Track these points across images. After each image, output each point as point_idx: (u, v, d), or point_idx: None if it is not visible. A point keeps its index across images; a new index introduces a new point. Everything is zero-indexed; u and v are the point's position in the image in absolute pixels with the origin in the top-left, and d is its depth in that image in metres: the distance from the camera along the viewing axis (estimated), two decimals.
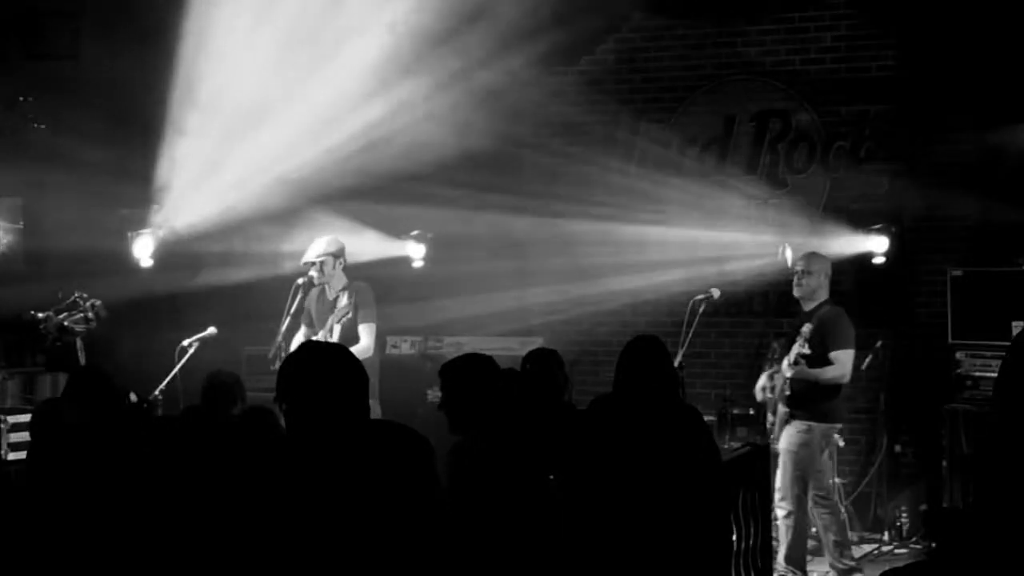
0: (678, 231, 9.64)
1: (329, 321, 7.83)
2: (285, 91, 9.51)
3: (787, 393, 7.53)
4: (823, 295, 7.72)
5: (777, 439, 7.57)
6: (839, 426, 7.87)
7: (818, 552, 8.32)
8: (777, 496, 7.42)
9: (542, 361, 6.16)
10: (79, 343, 8.03)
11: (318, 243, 8.06)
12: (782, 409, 7.55)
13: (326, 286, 8.02)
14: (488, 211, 9.83)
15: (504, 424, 4.69)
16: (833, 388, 7.58)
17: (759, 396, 7.86)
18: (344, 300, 7.86)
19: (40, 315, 8.06)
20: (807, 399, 7.53)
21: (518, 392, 5.17)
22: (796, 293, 7.75)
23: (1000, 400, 3.16)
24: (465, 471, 4.49)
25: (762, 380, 7.83)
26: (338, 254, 8.03)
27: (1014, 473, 3.09)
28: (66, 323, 7.96)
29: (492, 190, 9.83)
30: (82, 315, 7.99)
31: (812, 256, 7.84)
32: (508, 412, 4.78)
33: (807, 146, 9.62)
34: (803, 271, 7.73)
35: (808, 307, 7.71)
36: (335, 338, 7.76)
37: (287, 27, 9.43)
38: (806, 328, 7.49)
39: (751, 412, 8.55)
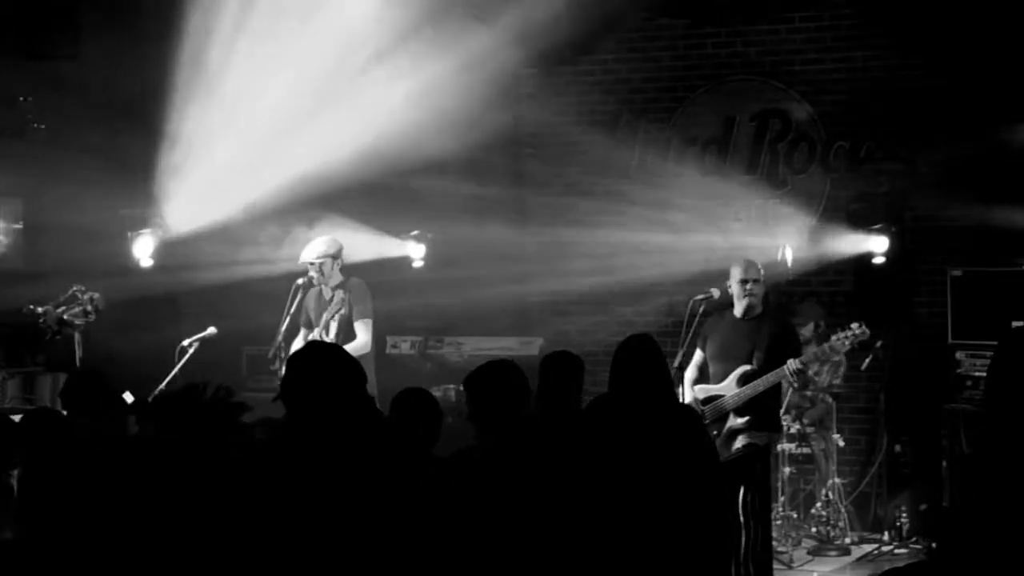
0: (678, 231, 9.64)
1: (324, 318, 7.84)
2: (285, 91, 9.51)
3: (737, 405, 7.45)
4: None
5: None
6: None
7: (818, 552, 8.34)
8: None
9: (557, 366, 5.93)
10: (77, 337, 8.03)
11: (317, 243, 8.07)
12: (739, 420, 7.46)
13: (323, 287, 8.03)
14: (488, 211, 9.83)
15: (523, 430, 4.68)
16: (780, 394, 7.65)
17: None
18: (338, 297, 7.88)
19: (39, 309, 8.06)
20: (770, 409, 7.54)
21: (533, 397, 5.13)
22: (749, 303, 7.58)
23: (990, 399, 3.16)
24: (471, 478, 4.49)
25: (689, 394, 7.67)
26: (336, 255, 8.04)
27: (1009, 471, 3.09)
28: (65, 316, 7.97)
29: (492, 190, 9.82)
30: (80, 308, 7.99)
31: (752, 264, 7.74)
32: (528, 417, 4.76)
33: (807, 146, 9.62)
34: (754, 280, 7.62)
35: (751, 315, 7.62)
36: (331, 335, 7.78)
37: (287, 27, 9.43)
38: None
39: None
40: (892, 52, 9.29)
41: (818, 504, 8.56)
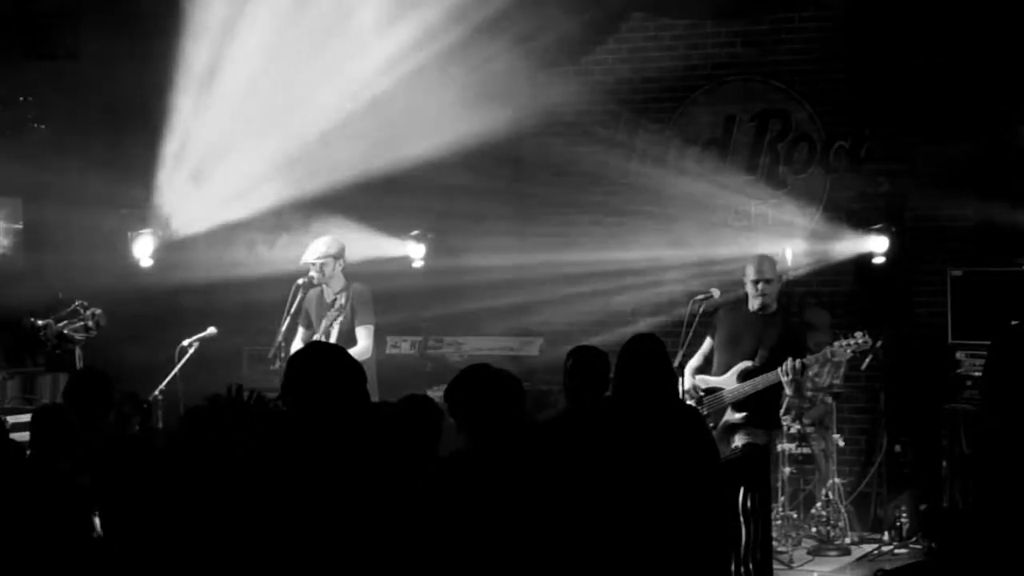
0: (678, 231, 9.65)
1: (323, 324, 7.82)
2: (286, 91, 9.51)
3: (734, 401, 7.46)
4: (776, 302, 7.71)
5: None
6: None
7: (818, 552, 8.34)
8: None
9: (583, 359, 5.93)
10: (78, 351, 8.03)
11: (318, 243, 8.06)
12: (736, 415, 7.46)
13: (324, 287, 8.02)
14: (488, 211, 9.83)
15: (517, 432, 4.67)
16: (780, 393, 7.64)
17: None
18: (340, 302, 7.87)
19: (40, 322, 8.06)
20: (769, 406, 7.54)
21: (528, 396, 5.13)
22: (762, 302, 7.61)
23: (987, 398, 3.16)
24: (472, 478, 4.48)
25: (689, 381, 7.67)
26: (338, 255, 8.03)
27: (1009, 471, 3.09)
28: (65, 331, 7.96)
29: (492, 190, 9.82)
30: (82, 324, 7.99)
31: (768, 260, 7.75)
32: (517, 416, 4.75)
33: (807, 146, 9.61)
34: (766, 280, 7.63)
35: (765, 311, 7.62)
36: (332, 340, 7.75)
37: (288, 27, 9.43)
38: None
39: None
40: (892, 52, 9.28)
41: (818, 504, 8.55)
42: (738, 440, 7.36)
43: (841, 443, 8.67)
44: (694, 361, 7.73)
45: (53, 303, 8.39)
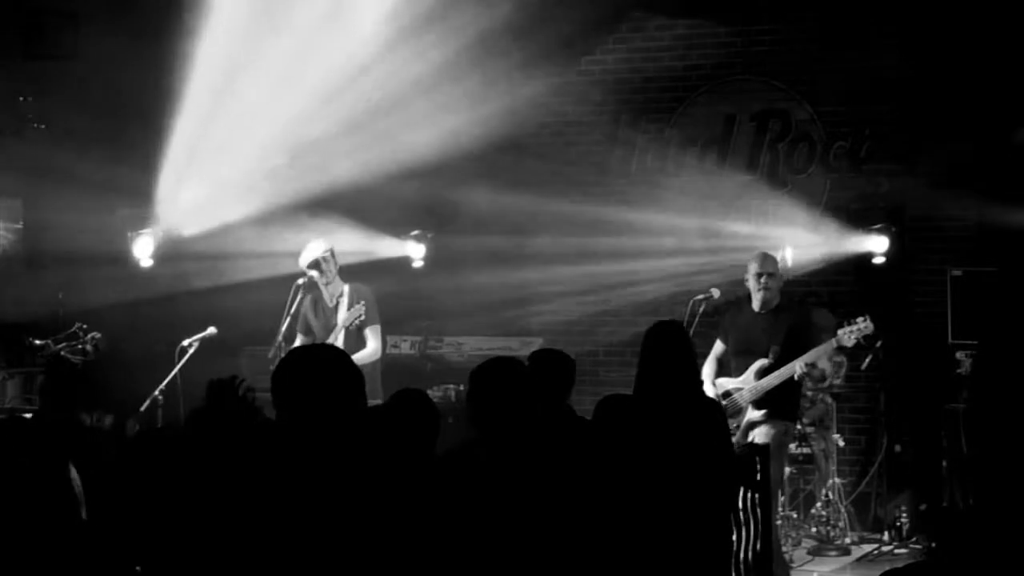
0: (678, 231, 9.64)
1: (341, 323, 7.79)
2: (286, 90, 9.51)
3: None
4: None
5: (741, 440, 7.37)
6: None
7: (818, 552, 8.34)
8: None
9: (545, 362, 5.98)
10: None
11: (313, 247, 7.99)
12: (757, 413, 7.47)
13: (323, 291, 7.97)
14: (488, 211, 9.83)
15: (529, 427, 4.67)
16: (800, 385, 7.64)
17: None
18: (349, 304, 7.83)
19: (38, 342, 8.08)
20: (788, 399, 7.54)
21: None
22: (764, 297, 7.56)
23: (976, 401, 3.17)
24: (473, 476, 4.48)
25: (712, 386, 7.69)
26: (333, 252, 8.01)
27: (1009, 471, 3.10)
28: (62, 353, 7.97)
29: (492, 190, 9.83)
30: (80, 347, 8.01)
31: (769, 257, 7.77)
32: (524, 417, 4.75)
33: (807, 146, 9.62)
34: (769, 273, 7.63)
35: (768, 308, 7.60)
36: (340, 342, 7.70)
37: (287, 28, 9.43)
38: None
39: None
40: (893, 52, 9.29)
41: (818, 504, 8.56)
42: (757, 435, 7.37)
43: (841, 443, 8.67)
44: (708, 368, 7.69)
45: (53, 314, 8.39)
